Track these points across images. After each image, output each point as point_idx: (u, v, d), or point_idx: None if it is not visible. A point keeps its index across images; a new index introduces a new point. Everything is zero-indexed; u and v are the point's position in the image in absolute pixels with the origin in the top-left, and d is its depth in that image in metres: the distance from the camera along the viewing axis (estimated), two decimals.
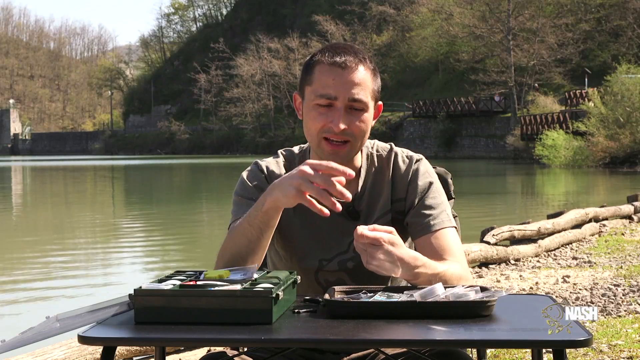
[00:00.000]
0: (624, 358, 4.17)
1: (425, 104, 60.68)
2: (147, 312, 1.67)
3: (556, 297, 5.92)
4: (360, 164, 2.17)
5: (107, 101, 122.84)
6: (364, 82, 2.04)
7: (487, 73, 56.05)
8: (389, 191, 2.15)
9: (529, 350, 2.19)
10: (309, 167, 1.80)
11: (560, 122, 41.34)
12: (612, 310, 5.47)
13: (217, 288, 1.70)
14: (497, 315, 1.71)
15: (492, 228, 8.13)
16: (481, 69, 56.90)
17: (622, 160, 34.95)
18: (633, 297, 5.94)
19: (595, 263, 7.82)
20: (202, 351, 3.84)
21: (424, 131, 60.87)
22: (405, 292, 1.79)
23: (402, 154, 2.18)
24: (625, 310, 5.45)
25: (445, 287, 1.76)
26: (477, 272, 7.34)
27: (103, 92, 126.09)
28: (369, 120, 2.07)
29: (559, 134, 37.79)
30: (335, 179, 1.78)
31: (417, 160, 2.17)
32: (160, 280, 1.80)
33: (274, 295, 1.65)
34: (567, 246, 9.15)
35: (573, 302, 5.74)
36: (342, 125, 2.02)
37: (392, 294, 1.78)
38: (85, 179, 37.30)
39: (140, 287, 1.70)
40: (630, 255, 8.21)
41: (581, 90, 47.68)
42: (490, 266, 7.71)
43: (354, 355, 2.04)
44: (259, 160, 2.21)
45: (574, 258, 8.24)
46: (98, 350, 3.20)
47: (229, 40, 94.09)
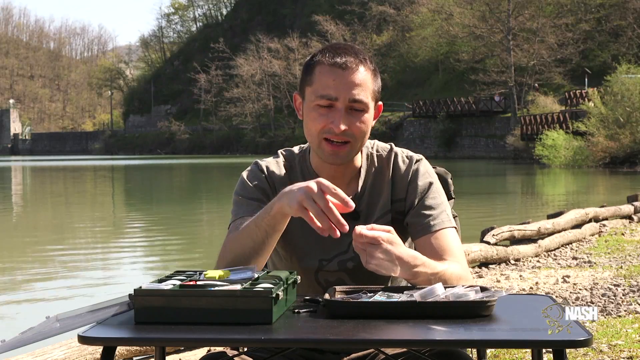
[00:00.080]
0: (624, 358, 4.17)
1: (425, 104, 60.68)
2: (147, 312, 1.67)
3: (556, 297, 5.92)
4: (360, 164, 2.17)
5: (107, 101, 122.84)
6: (364, 82, 2.04)
7: (487, 73, 56.06)
8: (389, 191, 2.15)
9: (529, 350, 2.19)
10: (316, 185, 1.81)
11: (560, 122, 41.34)
12: (612, 310, 5.47)
13: (217, 288, 1.70)
14: (497, 315, 1.71)
15: (492, 228, 8.13)
16: (481, 69, 56.91)
17: (622, 160, 34.95)
18: (633, 297, 5.94)
19: (595, 263, 7.82)
20: (202, 351, 3.84)
21: (424, 131, 60.87)
22: (405, 292, 1.79)
23: (402, 154, 2.18)
24: (625, 310, 5.45)
25: (445, 287, 1.76)
26: (477, 272, 7.34)
27: (103, 92, 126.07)
28: (369, 120, 2.07)
29: (559, 134, 37.79)
30: (334, 202, 1.79)
31: (417, 161, 2.17)
32: (160, 280, 1.80)
33: (274, 295, 1.65)
34: (567, 246, 9.15)
35: (573, 302, 5.74)
36: (343, 126, 2.02)
37: (392, 294, 1.78)
38: (85, 179, 37.30)
39: (140, 287, 1.70)
40: (630, 255, 8.21)
41: (581, 90, 47.68)
42: (490, 266, 7.72)
43: (354, 355, 2.04)
44: (259, 160, 2.21)
45: (574, 258, 8.24)
46: (98, 350, 3.20)
47: (229, 40, 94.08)
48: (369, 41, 77.11)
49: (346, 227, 1.79)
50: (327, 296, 1.78)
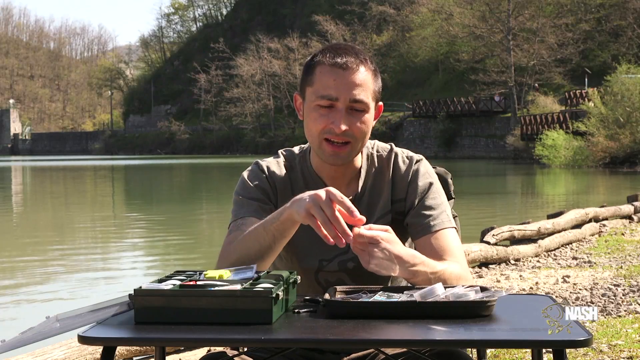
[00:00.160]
0: (624, 358, 4.17)
1: (425, 104, 60.68)
2: (147, 312, 1.67)
3: (556, 297, 5.92)
4: (361, 164, 2.17)
5: (107, 101, 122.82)
6: (365, 83, 2.05)
7: (487, 73, 56.05)
8: (389, 192, 2.16)
9: (529, 350, 2.19)
10: (324, 194, 1.82)
11: (560, 122, 41.34)
12: (612, 310, 5.47)
13: (217, 288, 1.70)
14: (497, 315, 1.71)
15: (492, 228, 8.13)
16: (481, 69, 56.90)
17: (622, 160, 34.95)
18: (633, 297, 5.94)
19: (595, 263, 7.82)
20: (202, 351, 3.84)
21: (424, 131, 60.87)
22: (405, 292, 1.79)
23: (403, 155, 2.19)
24: (625, 310, 5.45)
25: (445, 287, 1.76)
26: (477, 272, 7.34)
27: (103, 92, 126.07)
28: (369, 121, 2.07)
29: (559, 134, 37.79)
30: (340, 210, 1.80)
31: (417, 161, 2.17)
32: (160, 280, 1.80)
33: (274, 295, 1.65)
34: (567, 246, 9.15)
35: (573, 302, 5.74)
36: (344, 126, 2.02)
37: (392, 294, 1.78)
38: (85, 179, 37.29)
39: (140, 287, 1.70)
40: (630, 255, 8.21)
41: (581, 90, 47.69)
42: (490, 266, 7.71)
43: (354, 355, 2.04)
44: (259, 160, 2.21)
45: (574, 258, 8.24)
46: (98, 350, 3.20)
47: (229, 40, 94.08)
48: (369, 41, 77.10)
49: (351, 237, 1.81)
50: (327, 296, 1.78)
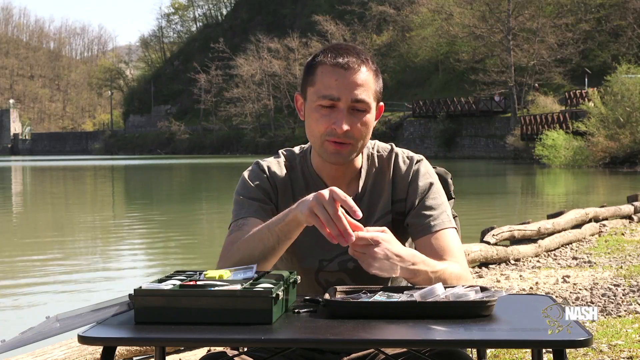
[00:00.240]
0: (624, 358, 4.17)
1: (425, 104, 60.68)
2: (147, 312, 1.67)
3: (556, 297, 5.92)
4: (361, 164, 2.17)
5: (107, 101, 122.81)
6: (366, 83, 2.05)
7: (487, 73, 56.05)
8: (389, 192, 2.16)
9: (529, 350, 2.19)
10: (328, 193, 1.82)
11: (560, 122, 41.34)
12: (612, 310, 5.47)
13: (217, 288, 1.70)
14: (497, 315, 1.71)
15: (492, 228, 8.13)
16: (481, 69, 56.90)
17: (622, 160, 34.95)
18: (633, 297, 5.94)
19: (595, 263, 7.82)
20: (202, 351, 3.84)
21: (424, 131, 60.87)
22: (405, 292, 1.79)
23: (403, 155, 2.19)
24: (625, 310, 5.45)
25: (445, 287, 1.76)
26: (477, 272, 7.34)
27: (103, 92, 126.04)
28: (371, 121, 2.07)
29: (559, 134, 37.79)
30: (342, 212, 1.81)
31: (417, 161, 2.17)
32: (160, 280, 1.80)
33: (274, 295, 1.65)
34: (567, 246, 9.15)
35: (573, 302, 5.74)
36: (345, 126, 2.02)
37: (392, 294, 1.78)
38: (85, 179, 37.29)
39: (140, 287, 1.70)
40: (630, 255, 8.21)
41: (581, 90, 47.68)
42: (490, 266, 7.72)
43: (354, 355, 2.04)
44: (260, 160, 2.21)
45: (574, 258, 8.24)
46: (98, 350, 3.20)
47: (229, 40, 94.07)
48: (369, 41, 77.10)
49: (352, 237, 1.81)
50: (327, 296, 1.78)
